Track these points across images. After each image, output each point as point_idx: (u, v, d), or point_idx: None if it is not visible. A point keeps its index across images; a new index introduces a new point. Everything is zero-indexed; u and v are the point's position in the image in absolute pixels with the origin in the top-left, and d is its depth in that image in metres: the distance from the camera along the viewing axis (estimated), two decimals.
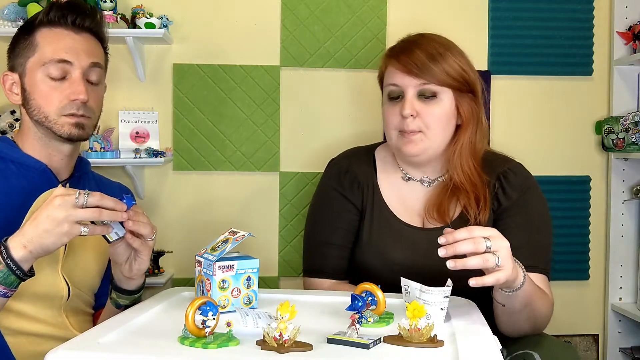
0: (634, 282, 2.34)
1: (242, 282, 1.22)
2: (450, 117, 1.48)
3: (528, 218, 1.47)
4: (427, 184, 1.54)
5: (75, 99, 1.34)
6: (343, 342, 0.98)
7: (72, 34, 1.36)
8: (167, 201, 2.23)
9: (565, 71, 2.31)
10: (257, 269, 1.25)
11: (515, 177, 1.51)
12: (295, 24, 2.23)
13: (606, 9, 2.33)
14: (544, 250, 1.47)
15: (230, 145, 2.23)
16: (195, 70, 2.21)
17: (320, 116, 2.25)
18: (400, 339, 0.98)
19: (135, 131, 2.18)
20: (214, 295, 1.19)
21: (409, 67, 1.45)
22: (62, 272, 1.35)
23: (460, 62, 1.48)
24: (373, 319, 1.09)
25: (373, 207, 1.55)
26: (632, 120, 2.20)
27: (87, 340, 0.99)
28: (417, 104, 1.45)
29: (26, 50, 1.35)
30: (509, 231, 1.42)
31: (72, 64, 1.34)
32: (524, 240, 1.42)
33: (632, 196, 2.33)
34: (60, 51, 1.33)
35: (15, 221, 1.28)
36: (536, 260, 1.43)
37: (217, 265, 1.19)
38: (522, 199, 1.49)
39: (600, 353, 2.38)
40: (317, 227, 1.60)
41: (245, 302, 1.22)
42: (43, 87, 1.34)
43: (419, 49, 1.46)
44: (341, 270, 1.57)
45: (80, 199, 1.17)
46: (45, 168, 1.38)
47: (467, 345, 0.98)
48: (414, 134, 1.45)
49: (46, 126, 1.35)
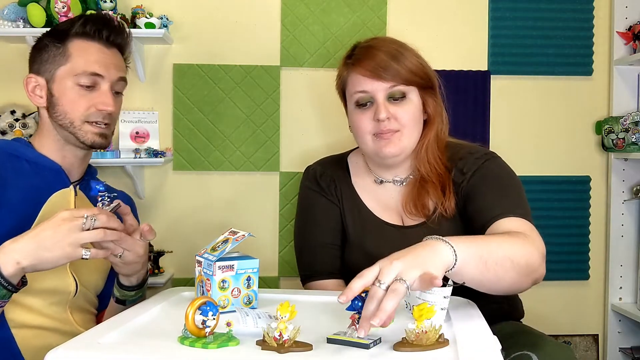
0: (634, 282, 2.34)
1: (242, 282, 1.22)
2: (420, 114, 1.51)
3: (489, 180, 1.45)
4: (399, 184, 1.55)
5: (103, 109, 1.41)
6: (343, 342, 0.98)
7: (104, 48, 1.43)
8: (167, 201, 2.23)
9: (565, 71, 2.31)
10: (257, 269, 1.25)
11: (471, 155, 1.51)
12: (295, 24, 2.23)
13: (606, 9, 2.33)
14: (515, 197, 1.42)
15: (230, 145, 2.23)
16: (195, 70, 2.21)
17: (320, 116, 2.25)
18: (410, 344, 0.97)
19: (135, 131, 2.18)
20: (214, 295, 1.19)
21: (375, 71, 1.45)
22: (71, 269, 1.39)
23: (419, 59, 1.50)
24: None
25: (352, 208, 1.57)
26: (632, 120, 2.20)
27: (87, 340, 0.99)
28: (389, 106, 1.46)
29: (57, 57, 1.41)
30: (474, 197, 1.43)
31: (103, 77, 1.41)
32: (493, 195, 1.41)
33: (632, 196, 2.33)
34: (93, 64, 1.40)
35: (28, 217, 1.33)
36: (509, 206, 1.38)
37: (217, 265, 1.19)
38: (482, 166, 1.48)
39: (600, 353, 2.38)
40: (306, 230, 1.61)
41: (245, 302, 1.22)
42: (72, 94, 1.40)
43: (380, 52, 1.46)
44: (337, 270, 1.57)
45: (87, 223, 1.21)
46: (59, 168, 1.43)
47: (468, 346, 0.98)
48: (391, 134, 1.47)
49: (70, 131, 1.41)
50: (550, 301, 2.32)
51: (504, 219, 1.35)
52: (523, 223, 1.35)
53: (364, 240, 1.53)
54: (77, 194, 1.44)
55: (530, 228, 1.34)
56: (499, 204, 1.39)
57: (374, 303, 0.99)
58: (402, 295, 0.99)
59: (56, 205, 1.38)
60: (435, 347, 0.97)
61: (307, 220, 1.62)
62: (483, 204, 1.41)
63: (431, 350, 0.96)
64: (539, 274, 1.28)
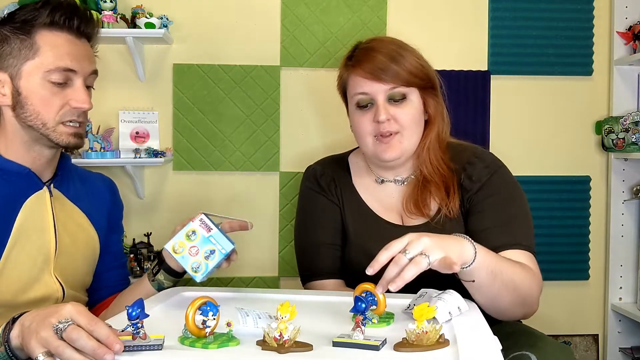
0: (634, 282, 2.35)
1: (205, 250, 1.22)
2: (421, 115, 1.51)
3: (499, 197, 1.47)
4: (400, 183, 1.55)
5: (79, 107, 1.31)
6: (351, 345, 0.97)
7: (75, 39, 1.32)
8: (167, 201, 2.23)
9: (565, 71, 2.31)
10: (225, 253, 1.23)
11: (481, 161, 1.51)
12: (295, 24, 2.23)
13: (606, 9, 2.33)
14: (521, 228, 1.45)
15: (230, 145, 2.23)
16: (195, 70, 2.21)
17: (320, 116, 2.25)
18: (410, 344, 0.97)
19: (135, 131, 2.18)
20: (177, 236, 1.19)
21: (375, 73, 1.45)
22: (55, 273, 1.35)
23: (419, 59, 1.50)
24: (376, 320, 1.09)
25: (353, 207, 1.57)
26: (632, 120, 2.20)
27: None
28: (389, 108, 1.46)
29: (23, 51, 1.28)
30: (482, 214, 1.45)
31: (76, 72, 1.31)
32: (499, 219, 1.43)
33: (632, 196, 2.33)
34: (65, 58, 1.29)
35: (3, 229, 1.26)
36: (514, 237, 1.41)
37: (202, 216, 1.20)
38: (490, 180, 1.49)
39: (600, 353, 2.38)
40: (306, 230, 1.61)
41: (193, 268, 1.21)
42: (43, 92, 1.29)
43: (379, 53, 1.47)
44: (337, 270, 1.57)
45: (58, 327, 0.96)
46: (29, 172, 1.34)
47: (468, 346, 0.98)
48: (391, 137, 1.47)
49: (41, 133, 1.30)
50: (550, 301, 2.32)
51: (510, 250, 1.37)
52: (528, 257, 1.40)
53: (364, 240, 1.53)
54: (52, 194, 1.36)
55: (534, 263, 1.40)
56: (506, 231, 1.41)
57: (395, 269, 1.09)
58: (422, 268, 1.08)
59: (32, 210, 1.31)
60: (436, 348, 0.97)
61: (308, 220, 1.62)
62: (490, 229, 1.41)
63: (431, 351, 0.96)
64: (532, 311, 1.38)
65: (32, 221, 1.32)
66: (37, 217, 1.33)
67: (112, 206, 1.54)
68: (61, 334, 0.94)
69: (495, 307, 1.31)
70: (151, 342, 0.94)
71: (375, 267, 1.10)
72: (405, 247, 1.11)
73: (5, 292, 1.28)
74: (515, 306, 1.33)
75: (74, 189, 1.44)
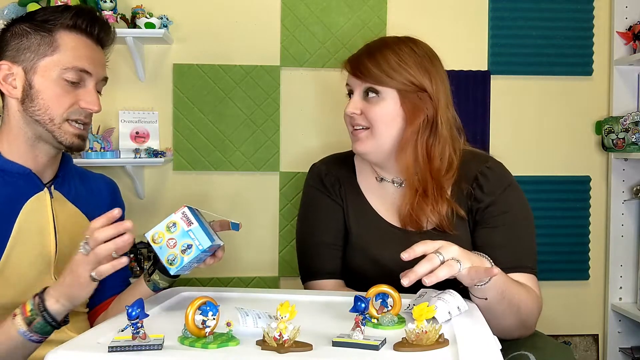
0: (634, 282, 2.35)
1: (183, 244, 1.19)
2: (395, 116, 1.48)
3: (510, 217, 1.47)
4: (397, 185, 1.55)
5: (88, 108, 1.35)
6: (350, 344, 0.97)
7: (93, 45, 1.37)
8: (167, 201, 2.23)
9: (565, 71, 2.31)
10: (203, 250, 1.19)
11: (493, 174, 1.50)
12: (295, 24, 2.23)
13: (606, 9, 2.33)
14: (528, 249, 1.46)
15: (230, 145, 2.23)
16: (195, 70, 2.21)
17: (320, 116, 2.26)
18: (410, 344, 0.97)
19: (135, 131, 2.18)
20: (158, 226, 1.19)
21: (355, 68, 1.50)
22: (55, 275, 1.34)
23: (403, 63, 1.47)
24: (392, 321, 1.09)
25: (357, 207, 1.57)
26: (632, 120, 2.20)
27: (87, 340, 0.99)
28: (361, 102, 1.49)
29: (42, 47, 1.31)
30: (492, 230, 1.45)
31: (91, 75, 1.35)
32: (507, 239, 1.44)
33: (632, 196, 2.33)
34: (82, 60, 1.33)
35: (3, 231, 1.27)
36: (521, 260, 1.43)
37: (185, 209, 1.18)
38: (502, 197, 1.48)
39: (600, 353, 2.38)
40: (308, 230, 1.61)
41: (169, 260, 1.19)
42: (56, 88, 1.31)
43: (364, 50, 1.52)
44: (337, 270, 1.57)
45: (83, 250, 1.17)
46: (29, 172, 1.34)
47: (468, 346, 0.98)
48: (361, 132, 1.50)
49: (47, 128, 1.32)
50: (550, 301, 2.32)
51: (516, 273, 1.39)
52: (532, 280, 1.42)
53: (366, 241, 1.53)
54: (52, 195, 1.37)
55: (536, 286, 1.43)
56: (514, 252, 1.42)
57: (427, 266, 1.12)
58: (454, 271, 1.13)
59: (32, 212, 1.32)
60: (436, 347, 0.97)
61: (310, 220, 1.61)
62: (500, 247, 1.41)
63: (431, 351, 0.96)
64: (529, 333, 1.40)
65: (32, 223, 1.32)
66: (37, 219, 1.33)
67: (112, 207, 1.54)
68: (89, 248, 1.14)
69: (496, 326, 1.28)
70: (151, 342, 0.94)
71: (410, 254, 1.14)
72: (438, 249, 1.15)
73: (4, 294, 1.28)
74: (515, 327, 1.34)
75: (74, 190, 1.44)
